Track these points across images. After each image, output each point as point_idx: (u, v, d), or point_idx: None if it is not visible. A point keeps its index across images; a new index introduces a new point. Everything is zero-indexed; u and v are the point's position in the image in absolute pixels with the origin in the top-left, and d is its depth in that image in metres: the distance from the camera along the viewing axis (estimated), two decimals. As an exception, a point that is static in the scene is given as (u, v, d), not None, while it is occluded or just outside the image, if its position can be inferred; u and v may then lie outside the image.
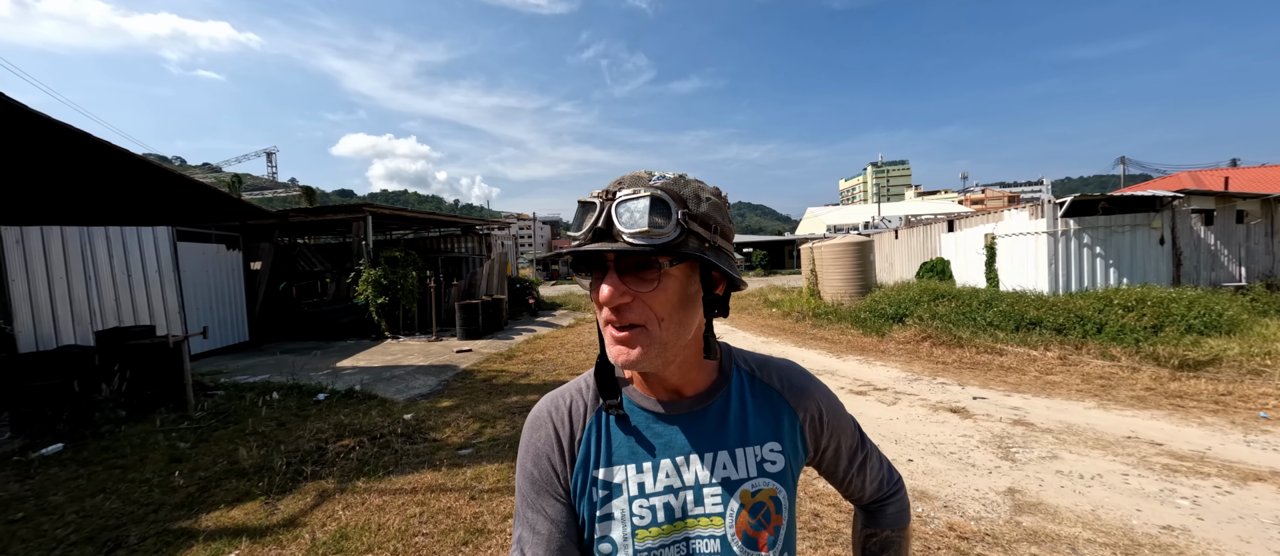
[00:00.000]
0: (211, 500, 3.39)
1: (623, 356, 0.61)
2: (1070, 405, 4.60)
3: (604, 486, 0.68)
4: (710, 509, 0.68)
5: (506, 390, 6.31)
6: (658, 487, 0.68)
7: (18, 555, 2.80)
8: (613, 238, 0.58)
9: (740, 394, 0.74)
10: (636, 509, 0.67)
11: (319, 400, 5.91)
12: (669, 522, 0.67)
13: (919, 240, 16.38)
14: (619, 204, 0.58)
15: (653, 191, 0.58)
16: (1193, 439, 3.67)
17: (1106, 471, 3.23)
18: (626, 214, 0.58)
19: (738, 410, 0.73)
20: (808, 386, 0.77)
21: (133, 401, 5.35)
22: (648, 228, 0.57)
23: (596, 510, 0.67)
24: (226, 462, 3.99)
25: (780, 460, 0.71)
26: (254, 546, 2.79)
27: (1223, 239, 9.65)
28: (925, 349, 7.35)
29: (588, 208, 0.61)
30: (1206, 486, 2.97)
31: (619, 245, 0.57)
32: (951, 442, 3.86)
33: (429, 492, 3.35)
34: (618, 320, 0.61)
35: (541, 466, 0.69)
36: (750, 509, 0.68)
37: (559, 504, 0.68)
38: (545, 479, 0.69)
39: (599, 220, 0.59)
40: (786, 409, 0.74)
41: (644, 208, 0.57)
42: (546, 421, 0.72)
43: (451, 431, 4.66)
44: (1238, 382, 4.87)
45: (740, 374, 0.75)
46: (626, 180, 0.62)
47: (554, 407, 0.73)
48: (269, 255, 11.01)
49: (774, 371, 0.77)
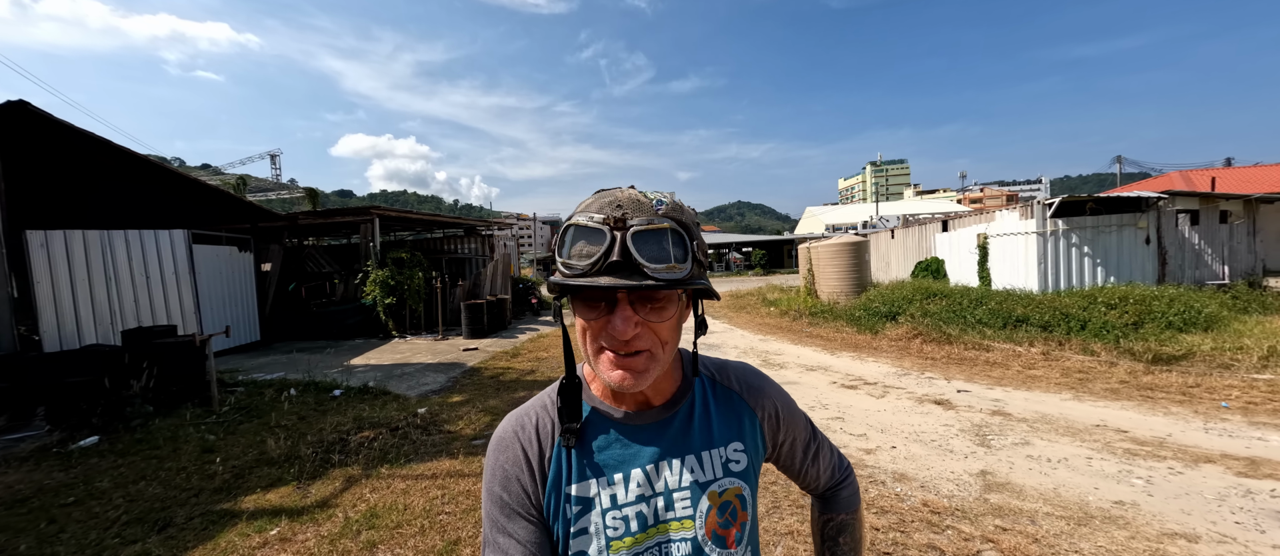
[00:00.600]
0: (247, 485, 3.67)
1: (628, 382, 0.61)
2: (1047, 397, 4.88)
3: (578, 502, 0.68)
4: (681, 513, 0.69)
5: (514, 386, 6.58)
6: (630, 497, 0.68)
7: (76, 533, 3.07)
8: (630, 269, 0.57)
9: (703, 399, 0.75)
10: (610, 521, 0.67)
11: (335, 396, 6.19)
12: (641, 530, 0.68)
13: (914, 240, 16.65)
14: (635, 234, 0.57)
15: (671, 225, 0.58)
16: (1156, 426, 3.96)
17: (1072, 455, 3.51)
18: (649, 248, 0.57)
19: (702, 414, 0.74)
20: (763, 386, 0.80)
21: (160, 397, 5.62)
22: (672, 262, 0.57)
23: (571, 526, 0.67)
24: (256, 452, 4.26)
25: (743, 459, 0.73)
26: (293, 524, 3.06)
27: (1207, 238, 9.93)
28: (916, 346, 7.63)
29: (592, 235, 0.58)
30: (1161, 468, 3.25)
31: (644, 282, 0.56)
32: (933, 431, 4.14)
33: (448, 478, 3.63)
34: (626, 349, 0.61)
35: (511, 489, 0.68)
36: (718, 508, 0.70)
37: (530, 525, 0.67)
38: (516, 501, 0.68)
39: (613, 252, 0.56)
40: (746, 409, 0.77)
41: (667, 241, 0.58)
42: (513, 441, 0.71)
43: (464, 423, 4.93)
44: (1207, 375, 5.15)
45: (702, 379, 0.77)
46: (626, 204, 0.59)
47: (520, 427, 0.72)
48: (278, 257, 11.29)
49: (732, 374, 0.79)
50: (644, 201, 0.60)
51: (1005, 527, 2.65)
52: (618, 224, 0.57)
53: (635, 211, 0.58)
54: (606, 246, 0.56)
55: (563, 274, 0.59)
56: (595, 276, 0.57)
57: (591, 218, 0.58)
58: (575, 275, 0.58)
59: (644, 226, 0.57)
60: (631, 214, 0.58)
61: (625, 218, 0.57)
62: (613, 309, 0.59)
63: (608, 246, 0.56)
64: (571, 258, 0.58)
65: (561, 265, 0.60)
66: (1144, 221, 9.84)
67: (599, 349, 0.62)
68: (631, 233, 0.56)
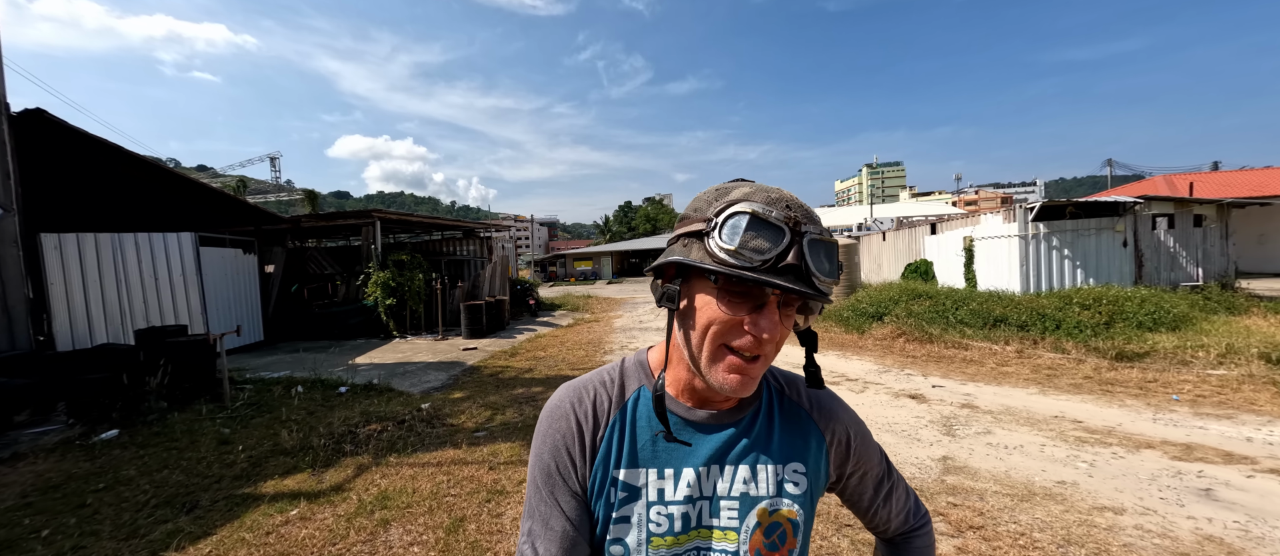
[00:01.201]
0: (264, 473, 3.94)
1: (742, 385, 0.60)
2: (1015, 391, 5.20)
3: (624, 488, 0.66)
4: (726, 523, 0.67)
5: (512, 383, 6.86)
6: (678, 496, 0.66)
7: (111, 514, 3.34)
8: (800, 275, 0.56)
9: (769, 410, 0.72)
10: (654, 515, 0.66)
11: (341, 392, 6.45)
12: (684, 532, 0.66)
13: (905, 242, 17.00)
14: (811, 243, 0.56)
15: (833, 239, 0.58)
16: (1109, 417, 4.27)
17: (1028, 443, 3.82)
18: (820, 260, 0.56)
19: (764, 426, 0.71)
20: (836, 409, 0.75)
21: (174, 393, 5.87)
22: (834, 279, 0.57)
23: (613, 511, 0.66)
24: (271, 443, 4.53)
25: (803, 482, 0.70)
26: (311, 505, 3.34)
27: (1181, 241, 10.29)
28: (899, 344, 7.94)
29: (770, 231, 0.56)
30: (1105, 453, 3.56)
31: (811, 291, 0.55)
32: (905, 422, 4.44)
33: (453, 465, 3.91)
34: (754, 351, 0.59)
35: (560, 459, 0.68)
36: (766, 528, 0.67)
37: (574, 499, 0.67)
38: (562, 472, 0.67)
39: (790, 255, 0.55)
40: (814, 430, 0.73)
41: (835, 256, 0.58)
42: (568, 413, 0.70)
43: (466, 417, 5.21)
44: (1165, 371, 5.48)
45: (769, 390, 0.74)
46: (797, 208, 0.59)
47: (577, 400, 0.71)
48: (281, 258, 11.53)
49: (803, 389, 0.75)
50: (810, 209, 0.60)
51: (956, 503, 2.95)
52: (795, 227, 0.56)
53: (807, 219, 0.58)
54: (784, 247, 0.55)
55: (724, 261, 0.56)
56: (767, 274, 0.55)
57: (770, 213, 0.56)
58: (743, 267, 0.55)
59: (818, 236, 0.57)
60: (804, 220, 0.57)
61: (800, 223, 0.57)
62: (758, 309, 0.58)
63: (785, 247, 0.55)
64: (742, 248, 0.55)
65: (721, 250, 0.56)
66: (1121, 225, 10.20)
67: (722, 346, 0.60)
68: (808, 240, 0.56)
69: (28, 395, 5.28)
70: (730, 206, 0.57)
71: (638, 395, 0.71)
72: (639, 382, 0.72)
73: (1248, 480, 3.07)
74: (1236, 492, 2.92)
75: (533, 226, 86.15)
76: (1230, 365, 5.42)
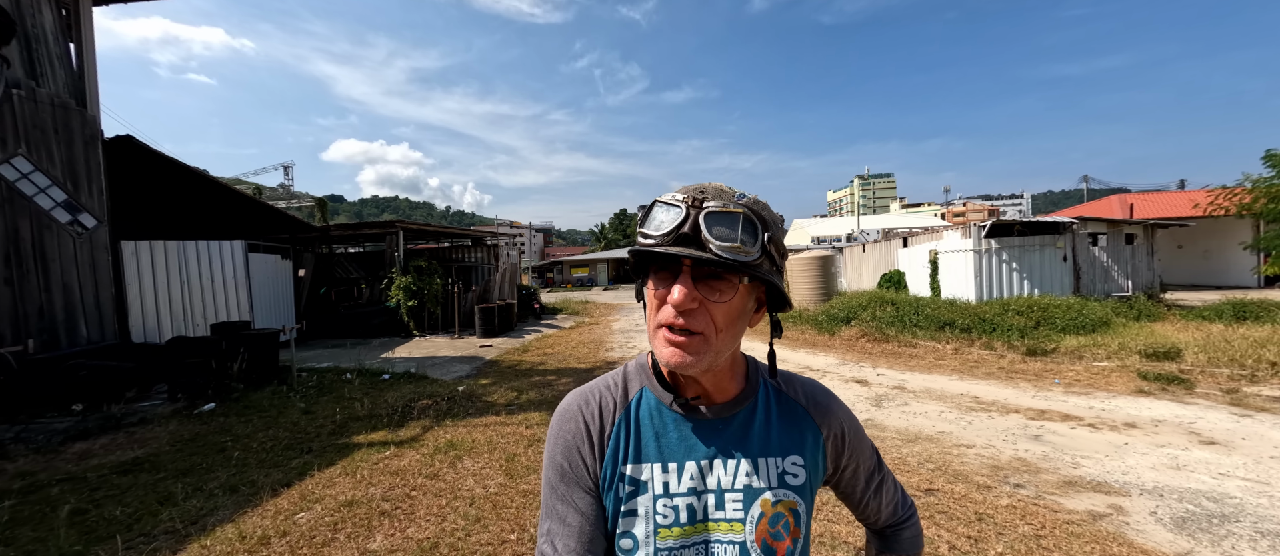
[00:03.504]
0: (351, 431, 5.12)
1: (676, 358, 0.63)
2: (940, 378, 6.48)
3: (631, 482, 0.70)
4: (731, 514, 0.69)
5: (529, 373, 8.06)
6: (682, 488, 0.69)
7: (249, 456, 4.50)
8: (698, 244, 0.60)
9: (766, 405, 0.75)
10: (660, 508, 0.68)
11: (385, 378, 7.62)
12: (691, 523, 0.69)
13: (882, 254, 18.39)
14: (708, 214, 0.60)
15: (745, 209, 0.61)
16: (999, 394, 5.55)
17: (932, 410, 5.09)
18: (718, 226, 0.60)
19: (763, 421, 0.74)
20: (831, 405, 0.79)
21: (249, 377, 7.02)
22: (739, 243, 0.59)
23: (621, 504, 0.69)
24: (346, 412, 5.70)
25: (802, 474, 0.73)
26: (398, 450, 4.52)
27: (1113, 257, 11.71)
28: (861, 344, 9.23)
29: (670, 208, 0.62)
30: (982, 416, 4.84)
31: (705, 254, 0.59)
32: (846, 398, 5.68)
33: (497, 425, 5.11)
34: (681, 323, 0.62)
35: (572, 458, 0.71)
36: (770, 518, 0.69)
37: (588, 496, 0.70)
38: (575, 471, 0.71)
39: (685, 225, 0.60)
40: (811, 424, 0.76)
41: (738, 224, 0.60)
42: (577, 415, 0.73)
43: (497, 396, 6.41)
44: (1061, 363, 6.79)
45: (767, 386, 0.77)
46: (709, 190, 0.63)
47: (584, 402, 0.75)
48: (311, 263, 12.67)
49: (800, 387, 0.79)
50: (726, 190, 0.64)
51: (863, 444, 4.21)
52: (695, 203, 0.61)
53: (715, 196, 0.62)
54: (681, 219, 0.60)
55: (640, 244, 0.64)
56: (671, 246, 0.60)
57: (674, 196, 0.63)
58: (650, 245, 0.61)
59: (719, 208, 0.60)
60: (711, 197, 0.62)
61: (703, 199, 0.61)
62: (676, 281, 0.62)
63: (681, 220, 0.60)
64: (649, 229, 0.63)
65: (640, 235, 0.64)
66: (1061, 242, 11.60)
67: (658, 326, 0.64)
68: (706, 211, 0.60)
69: (134, 376, 6.42)
70: (653, 202, 0.65)
71: (640, 395, 0.74)
72: (641, 383, 0.76)
73: (1070, 430, 4.34)
74: (1054, 437, 4.20)
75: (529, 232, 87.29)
76: (1114, 359, 6.74)
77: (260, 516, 3.26)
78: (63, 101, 7.30)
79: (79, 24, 7.69)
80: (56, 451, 4.69)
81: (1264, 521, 2.77)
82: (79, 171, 7.42)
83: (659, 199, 0.64)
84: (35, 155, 6.94)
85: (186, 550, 2.85)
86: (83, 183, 7.46)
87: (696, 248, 0.60)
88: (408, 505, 3.34)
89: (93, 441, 4.96)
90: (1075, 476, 3.45)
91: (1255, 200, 8.20)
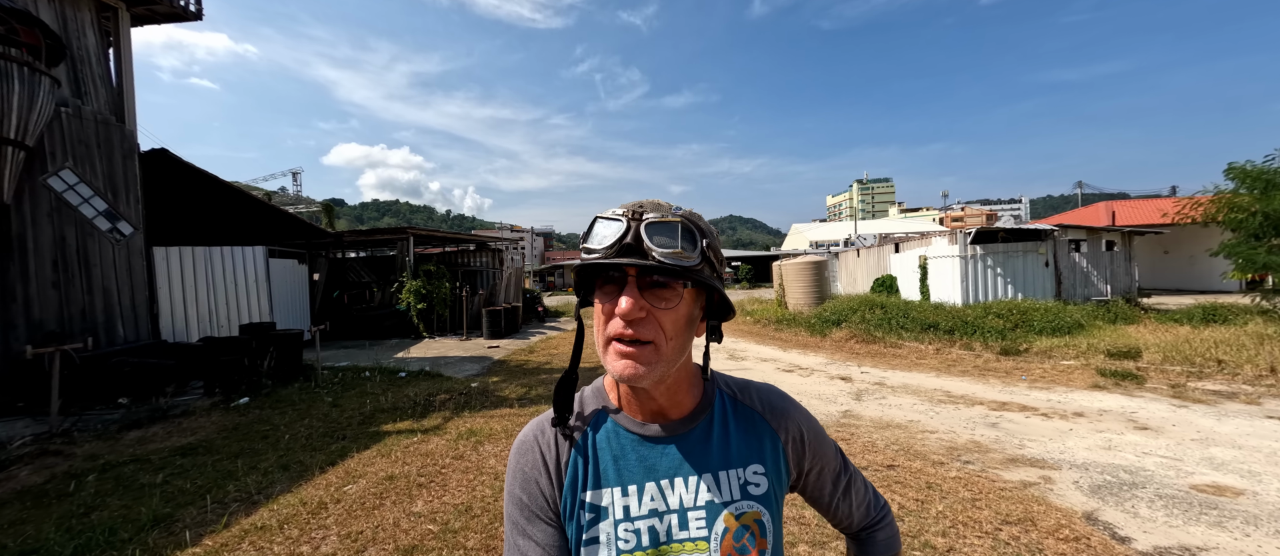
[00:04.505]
0: (379, 421, 5.63)
1: (629, 369, 0.63)
2: (918, 375, 7.00)
3: (591, 509, 0.69)
4: (695, 533, 0.69)
5: (537, 372, 8.58)
6: (643, 511, 0.69)
7: (289, 440, 5.01)
8: (641, 254, 0.62)
9: (723, 417, 0.75)
10: (622, 532, 0.68)
11: (402, 376, 8.14)
12: (653, 546, 0.68)
13: (875, 259, 18.94)
14: (648, 225, 0.62)
15: (682, 219, 0.63)
16: (970, 389, 6.07)
17: (906, 403, 5.61)
18: (659, 236, 0.62)
19: (720, 433, 0.74)
20: (787, 408, 0.78)
21: (277, 374, 7.55)
22: (680, 249, 0.61)
23: (583, 533, 0.68)
24: (372, 405, 6.22)
25: (764, 482, 0.73)
26: (424, 436, 5.03)
27: (1093, 263, 12.25)
28: (850, 345, 9.75)
29: (611, 222, 0.64)
30: (950, 407, 5.36)
31: (648, 262, 0.61)
32: (831, 393, 6.21)
33: (512, 415, 5.63)
34: (630, 334, 0.63)
35: (530, 491, 0.71)
36: (735, 533, 0.69)
37: (549, 528, 0.70)
38: (534, 503, 0.70)
39: (627, 236, 0.62)
40: (768, 430, 0.76)
41: (677, 232, 0.62)
42: (532, 445, 0.73)
43: (509, 391, 6.93)
44: (1032, 362, 7.31)
45: (722, 397, 0.77)
46: (648, 204, 0.66)
47: (540, 432, 0.74)
48: (325, 268, 13.21)
49: (755, 394, 0.79)
50: (664, 204, 0.67)
51: (841, 428, 4.72)
52: (635, 216, 0.64)
53: (653, 208, 0.65)
54: (622, 232, 0.63)
55: (583, 259, 0.65)
56: (614, 258, 0.62)
57: (614, 212, 0.65)
58: (594, 258, 0.63)
59: (658, 219, 0.63)
60: (650, 210, 0.65)
61: (643, 212, 0.64)
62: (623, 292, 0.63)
63: (623, 232, 0.63)
64: (592, 243, 0.64)
65: (583, 250, 0.66)
66: (1043, 249, 12.14)
67: (608, 340, 0.65)
68: (646, 223, 0.63)
69: (173, 373, 6.95)
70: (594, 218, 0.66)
71: (596, 419, 0.74)
72: (597, 406, 0.76)
73: (1024, 419, 4.87)
74: (1009, 425, 4.72)
75: (530, 236, 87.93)
76: (1080, 359, 7.26)
77: (313, 488, 3.78)
78: (104, 118, 7.86)
79: (118, 45, 8.27)
80: (115, 438, 5.21)
81: (1165, 488, 3.29)
82: (118, 182, 7.97)
83: (599, 215, 0.66)
84: (80, 168, 7.50)
85: (257, 513, 3.37)
86: (121, 193, 8.01)
87: (640, 257, 0.62)
88: (441, 479, 3.87)
89: (145, 429, 5.48)
90: (1019, 455, 3.97)
91: (1219, 210, 8.72)
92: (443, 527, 3.09)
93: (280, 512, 3.36)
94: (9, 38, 6.44)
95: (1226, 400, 5.24)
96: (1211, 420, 4.63)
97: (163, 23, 9.00)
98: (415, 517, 3.23)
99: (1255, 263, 8.11)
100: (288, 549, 2.89)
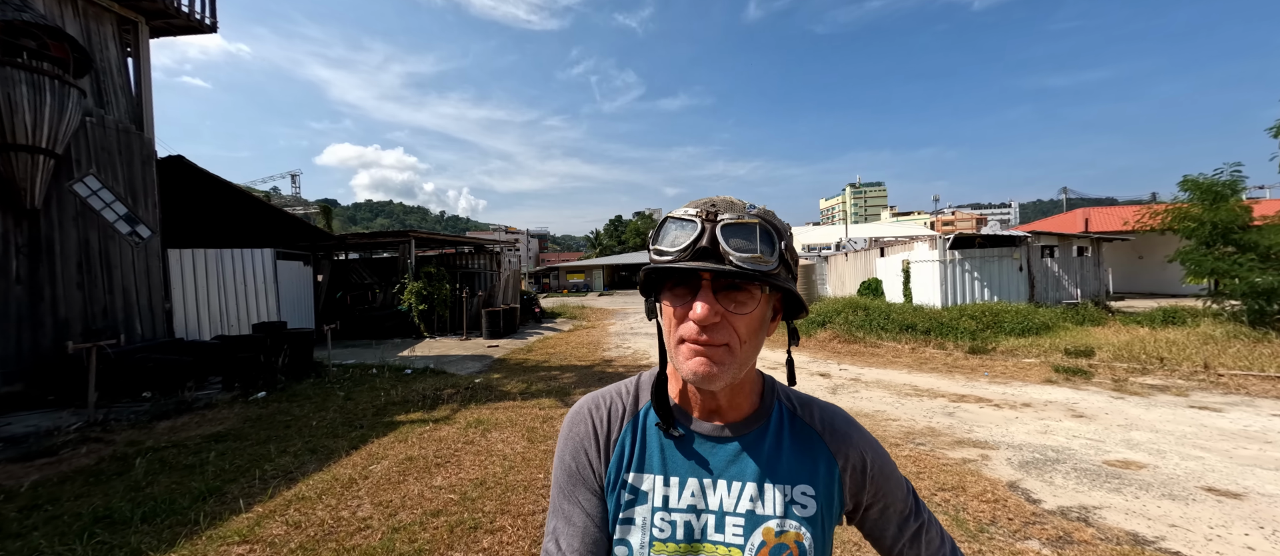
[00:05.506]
0: (392, 412, 6.09)
1: (703, 369, 0.62)
2: (891, 372, 7.55)
3: (631, 490, 0.70)
4: (730, 539, 0.67)
5: (536, 369, 9.06)
6: (681, 504, 0.69)
7: (311, 430, 5.46)
8: (718, 258, 0.61)
9: (778, 429, 0.73)
10: (658, 520, 0.68)
11: (407, 373, 8.59)
12: (687, 541, 0.68)
13: (862, 263, 19.55)
14: (724, 227, 0.61)
15: (759, 220, 0.62)
16: (935, 384, 6.63)
17: (877, 396, 6.15)
18: (735, 238, 0.60)
19: (773, 444, 0.71)
20: (850, 433, 0.74)
21: (290, 370, 7.97)
22: (758, 254, 0.60)
23: (620, 511, 0.70)
24: (383, 398, 6.67)
25: (812, 505, 0.69)
26: (436, 425, 5.50)
27: (1064, 267, 12.90)
28: (832, 344, 10.31)
29: (685, 224, 0.63)
30: (915, 399, 5.90)
31: (726, 267, 0.59)
32: (808, 388, 6.74)
33: (515, 408, 6.11)
34: (705, 338, 0.62)
35: (578, 459, 0.73)
36: (773, 548, 0.67)
37: (594, 497, 0.71)
38: (582, 472, 0.72)
39: (702, 239, 0.61)
40: (825, 453, 0.72)
41: (754, 234, 0.61)
42: (586, 417, 0.76)
43: (511, 386, 7.41)
44: (995, 360, 7.88)
45: (781, 409, 0.75)
46: (721, 203, 0.64)
47: (595, 406, 0.76)
48: (328, 269, 13.61)
49: (816, 412, 0.75)
50: (737, 202, 0.65)
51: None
52: (709, 217, 0.62)
53: (727, 208, 0.63)
54: (697, 234, 0.61)
55: (654, 261, 0.64)
56: (689, 261, 0.61)
57: (686, 212, 0.64)
58: (667, 261, 0.62)
59: (733, 220, 0.61)
60: (723, 210, 0.63)
61: (717, 212, 0.62)
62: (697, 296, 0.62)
63: (697, 234, 0.61)
64: (664, 245, 0.63)
65: (653, 252, 0.64)
66: (1018, 254, 12.78)
67: (680, 340, 0.64)
68: (721, 224, 0.61)
69: (192, 369, 7.37)
70: (665, 218, 0.65)
71: (650, 406, 0.74)
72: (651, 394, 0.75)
73: (978, 409, 5.42)
74: (964, 414, 5.27)
75: (524, 238, 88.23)
76: (1041, 357, 7.85)
77: (341, 467, 4.24)
78: (125, 126, 8.27)
79: (138, 56, 8.68)
80: (148, 427, 5.64)
81: (1082, 463, 3.84)
82: (137, 188, 8.38)
83: (670, 215, 0.65)
84: (103, 174, 7.90)
85: (297, 487, 3.84)
86: (140, 198, 8.42)
87: (716, 261, 0.61)
88: (455, 459, 4.35)
89: (174, 420, 5.91)
90: (965, 438, 4.51)
91: (1174, 219, 9.36)
92: (462, 497, 3.57)
93: (317, 486, 3.82)
94: (41, 52, 6.86)
95: (1160, 393, 5.83)
96: (1140, 409, 5.20)
97: (179, 34, 9.42)
98: (436, 489, 3.72)
99: (1204, 268, 8.73)
100: (330, 513, 3.37)
